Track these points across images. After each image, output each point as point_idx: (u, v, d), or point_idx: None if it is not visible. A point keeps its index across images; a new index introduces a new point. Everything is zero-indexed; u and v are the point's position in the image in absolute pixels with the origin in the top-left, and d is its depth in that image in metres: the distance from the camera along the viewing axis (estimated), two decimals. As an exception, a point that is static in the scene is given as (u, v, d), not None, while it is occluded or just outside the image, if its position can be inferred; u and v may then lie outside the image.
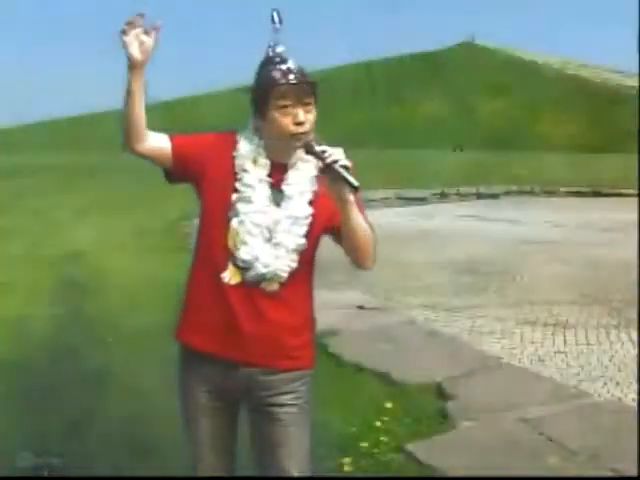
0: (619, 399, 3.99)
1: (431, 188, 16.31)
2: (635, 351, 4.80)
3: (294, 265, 1.89)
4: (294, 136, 1.84)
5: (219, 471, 2.03)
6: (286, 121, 1.83)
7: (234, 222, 1.87)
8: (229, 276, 1.88)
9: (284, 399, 1.94)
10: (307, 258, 1.92)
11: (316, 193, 1.90)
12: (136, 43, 1.78)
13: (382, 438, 3.29)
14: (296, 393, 1.96)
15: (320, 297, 2.08)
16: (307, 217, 1.89)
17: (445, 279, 7.23)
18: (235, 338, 1.89)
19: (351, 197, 1.79)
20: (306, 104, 1.85)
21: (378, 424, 3.42)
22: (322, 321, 2.17)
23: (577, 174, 19.74)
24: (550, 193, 17.83)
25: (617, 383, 4.22)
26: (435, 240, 9.87)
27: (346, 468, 3.03)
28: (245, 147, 1.90)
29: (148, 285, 6.46)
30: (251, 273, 1.87)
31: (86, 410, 3.59)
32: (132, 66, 1.80)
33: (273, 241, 1.87)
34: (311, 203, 1.90)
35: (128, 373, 4.13)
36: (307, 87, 1.86)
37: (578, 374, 4.38)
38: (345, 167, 1.75)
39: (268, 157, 1.90)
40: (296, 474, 1.95)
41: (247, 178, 1.88)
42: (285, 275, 1.88)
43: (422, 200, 15.20)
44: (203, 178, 1.91)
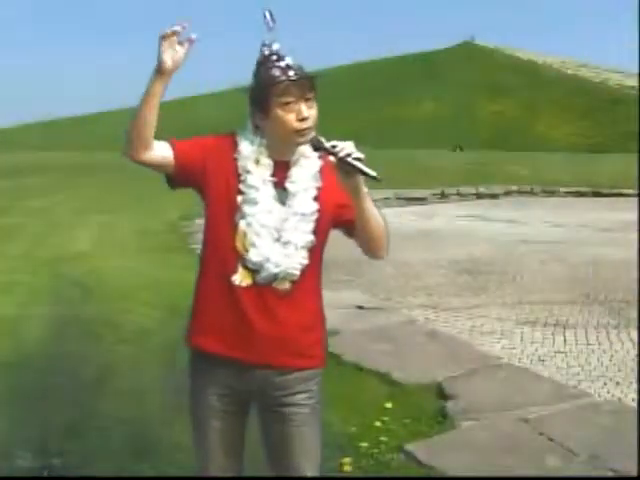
0: (619, 399, 3.98)
1: (431, 188, 16.32)
2: (635, 351, 4.80)
3: (305, 262, 1.88)
4: (298, 132, 1.83)
5: (228, 472, 2.03)
6: (289, 117, 1.83)
7: (241, 224, 1.86)
8: (240, 278, 1.87)
9: (297, 399, 1.94)
10: (316, 254, 1.92)
11: (320, 189, 1.90)
12: (170, 50, 1.78)
13: (382, 438, 3.29)
14: (309, 392, 1.95)
15: (320, 297, 2.07)
16: (313, 213, 1.88)
17: (445, 279, 7.24)
18: (248, 340, 1.88)
19: (365, 189, 1.79)
20: (308, 99, 1.85)
21: (378, 424, 3.42)
22: (322, 321, 2.16)
23: (577, 174, 19.75)
24: (550, 193, 17.85)
25: (617, 383, 4.22)
26: (435, 240, 9.87)
27: (346, 468, 3.03)
28: (246, 148, 1.90)
29: (148, 285, 6.46)
30: (263, 274, 1.86)
31: (86, 410, 3.59)
32: (160, 71, 1.79)
33: (282, 240, 1.86)
34: (316, 199, 1.89)
35: (128, 373, 4.13)
36: (307, 82, 1.85)
37: (578, 374, 4.38)
38: (359, 159, 1.74)
39: (270, 156, 1.89)
40: (310, 473, 1.96)
41: (250, 179, 1.87)
42: (297, 273, 1.87)
43: (422, 200, 15.21)
44: (206, 183, 1.90)
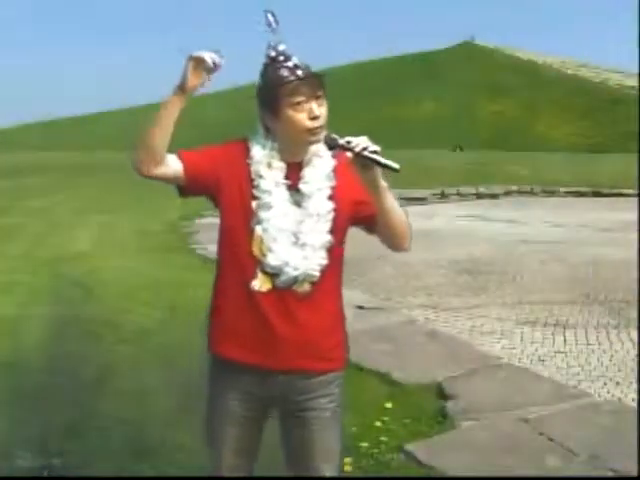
0: (619, 399, 3.98)
1: (431, 188, 16.33)
2: (635, 351, 4.80)
3: (324, 262, 1.87)
4: (310, 131, 1.82)
5: (239, 471, 2.02)
6: (301, 117, 1.81)
7: (257, 229, 1.85)
8: (259, 284, 1.85)
9: (319, 403, 1.93)
10: (335, 254, 1.90)
11: (335, 187, 1.89)
12: (195, 72, 1.78)
13: (382, 438, 3.29)
14: (330, 396, 1.95)
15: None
16: (329, 212, 1.87)
17: (445, 279, 7.23)
18: (270, 345, 1.87)
19: (383, 182, 1.77)
20: (318, 97, 1.83)
21: (378, 424, 3.42)
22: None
23: (577, 174, 19.76)
24: (550, 193, 17.86)
25: (617, 383, 4.22)
26: (435, 240, 9.86)
27: (346, 468, 3.02)
28: (258, 152, 1.88)
29: (148, 285, 6.46)
30: (282, 278, 1.84)
31: (86, 410, 3.59)
32: (182, 89, 1.80)
33: (299, 242, 1.85)
34: (331, 198, 1.88)
35: (128, 373, 4.13)
36: (316, 80, 1.84)
37: (578, 374, 4.38)
38: (375, 152, 1.72)
39: (283, 159, 1.88)
40: (328, 474, 1.97)
41: (263, 184, 1.86)
42: (317, 274, 1.86)
43: (422, 200, 15.21)
44: (219, 191, 1.89)
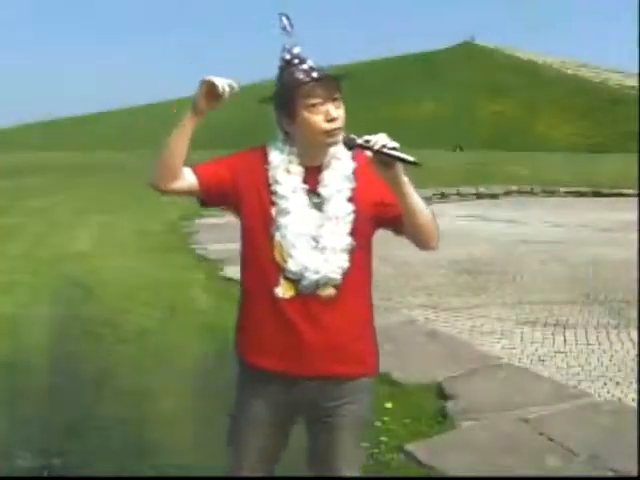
0: (619, 399, 3.98)
1: (431, 188, 16.33)
2: (635, 351, 4.79)
3: (346, 265, 1.84)
4: (327, 133, 1.80)
5: (259, 472, 2.01)
6: (317, 119, 1.80)
7: (277, 236, 1.84)
8: (282, 290, 1.84)
9: (348, 409, 1.92)
10: (359, 257, 1.88)
11: (355, 189, 1.87)
12: (208, 95, 1.79)
13: (382, 438, 3.29)
14: (360, 403, 1.95)
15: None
16: (349, 214, 1.85)
17: (445, 279, 7.23)
18: (297, 352, 1.86)
19: (405, 178, 1.74)
20: (335, 99, 1.82)
21: (378, 424, 3.42)
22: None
23: (577, 174, 19.76)
24: (550, 193, 17.86)
25: (617, 383, 4.22)
26: (435, 240, 9.86)
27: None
28: (276, 158, 1.88)
29: (148, 285, 6.46)
30: (304, 283, 1.83)
31: (86, 410, 3.59)
32: (195, 111, 1.81)
33: (319, 246, 1.83)
34: (351, 200, 1.86)
35: (128, 373, 4.13)
36: (333, 82, 1.83)
37: (578, 374, 4.38)
38: (394, 148, 1.70)
39: (301, 163, 1.87)
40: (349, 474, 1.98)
41: (281, 189, 1.85)
42: (339, 277, 1.84)
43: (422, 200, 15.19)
44: (239, 199, 1.89)
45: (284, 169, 1.86)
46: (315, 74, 1.81)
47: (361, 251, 1.89)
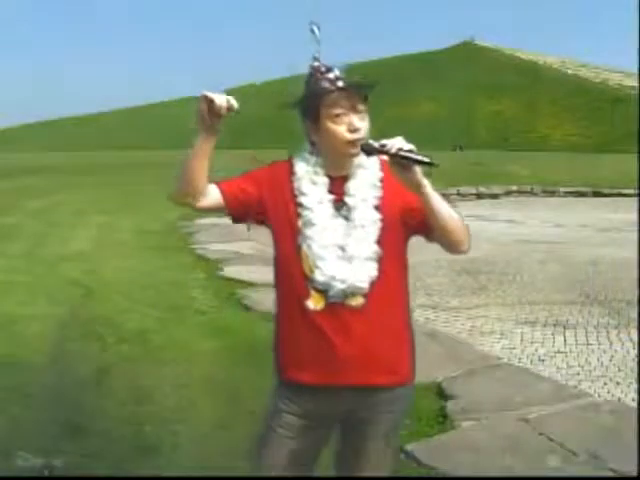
0: (619, 399, 3.98)
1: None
2: (635, 351, 4.79)
3: (374, 274, 1.83)
4: (350, 143, 1.79)
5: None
6: (340, 129, 1.79)
7: (304, 247, 1.84)
8: (313, 302, 1.84)
9: (382, 418, 1.92)
10: (389, 265, 1.86)
11: (382, 197, 1.85)
12: (209, 112, 1.76)
13: (382, 438, 3.28)
14: (395, 413, 1.94)
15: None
16: (375, 222, 1.84)
17: (445, 279, 7.23)
18: (331, 363, 1.85)
19: (425, 181, 1.72)
20: (359, 111, 1.80)
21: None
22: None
23: (577, 174, 19.76)
24: (550, 193, 17.86)
25: (617, 383, 4.22)
26: (435, 240, 9.86)
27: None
28: (302, 169, 1.88)
29: (148, 285, 6.46)
30: (331, 293, 1.82)
31: (86, 410, 3.59)
32: (203, 129, 1.78)
33: (346, 255, 1.82)
34: (377, 208, 1.84)
35: (128, 373, 4.13)
36: (358, 93, 1.81)
37: (578, 374, 4.38)
38: (410, 151, 1.69)
39: (327, 173, 1.86)
40: None
41: (306, 200, 1.85)
42: (365, 286, 1.82)
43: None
44: (266, 214, 1.89)
45: (309, 180, 1.86)
46: (340, 83, 1.80)
47: (391, 259, 1.87)
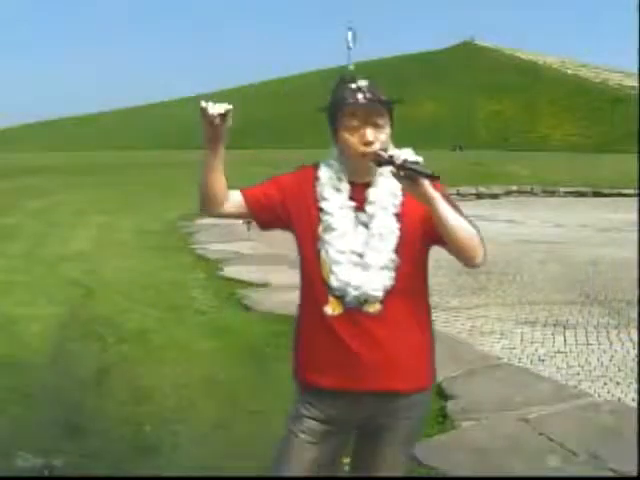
0: (619, 399, 3.98)
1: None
2: (635, 351, 4.79)
3: (389, 283, 1.83)
4: (365, 156, 1.80)
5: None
6: (354, 141, 1.80)
7: (322, 253, 1.85)
8: (331, 308, 1.85)
9: (400, 424, 1.92)
10: (408, 273, 1.86)
11: (402, 207, 1.85)
12: (208, 121, 1.74)
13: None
14: (413, 419, 1.94)
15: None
16: (393, 232, 1.84)
17: (445, 279, 7.23)
18: (349, 368, 1.85)
19: (433, 192, 1.71)
20: (376, 125, 1.80)
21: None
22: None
23: (577, 174, 19.76)
24: (550, 193, 17.87)
25: (617, 383, 4.22)
26: (435, 240, 9.86)
27: (347, 468, 3.02)
28: (325, 174, 1.88)
29: (148, 285, 6.46)
30: (347, 299, 1.83)
31: (86, 410, 3.59)
32: (209, 141, 1.78)
33: (362, 263, 1.83)
34: (397, 217, 1.84)
35: (128, 373, 4.13)
36: (378, 107, 1.81)
37: (578, 374, 4.38)
38: (415, 163, 1.69)
39: (350, 179, 1.87)
40: None
41: (327, 206, 1.86)
42: (379, 294, 1.83)
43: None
44: (290, 219, 1.90)
45: (332, 186, 1.87)
46: (360, 96, 1.79)
47: (410, 267, 1.86)
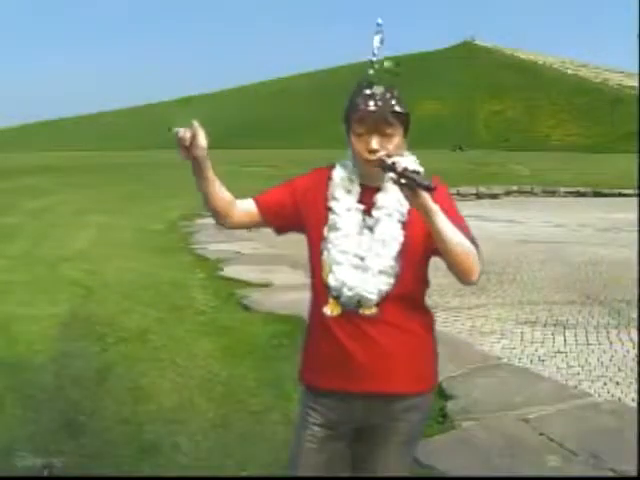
0: (619, 399, 3.98)
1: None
2: (635, 351, 4.79)
3: (385, 287, 1.82)
4: (369, 162, 1.80)
5: None
6: (360, 147, 1.81)
7: (325, 253, 1.86)
8: (330, 309, 1.86)
9: (394, 428, 1.92)
10: (408, 279, 1.85)
11: (409, 214, 1.83)
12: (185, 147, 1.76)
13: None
14: (409, 422, 1.93)
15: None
16: (396, 238, 1.83)
17: (445, 279, 7.19)
18: (347, 370, 1.86)
19: (432, 205, 1.67)
20: (384, 134, 1.79)
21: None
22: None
23: (577, 174, 19.77)
24: (550, 193, 17.88)
25: (617, 383, 4.22)
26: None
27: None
28: (338, 174, 1.89)
29: (148, 285, 6.46)
30: (342, 299, 1.84)
31: (86, 410, 3.59)
32: (192, 164, 1.80)
33: (362, 266, 1.83)
34: (402, 224, 1.84)
35: (128, 373, 4.13)
36: (387, 116, 1.79)
37: (578, 374, 4.38)
38: (416, 172, 1.66)
39: (361, 182, 1.87)
40: None
41: (336, 206, 1.86)
42: (373, 297, 1.82)
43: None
44: (303, 221, 1.91)
45: (343, 187, 1.88)
46: (371, 103, 1.79)
47: (411, 275, 1.86)
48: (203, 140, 1.76)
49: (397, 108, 1.81)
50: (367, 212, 1.86)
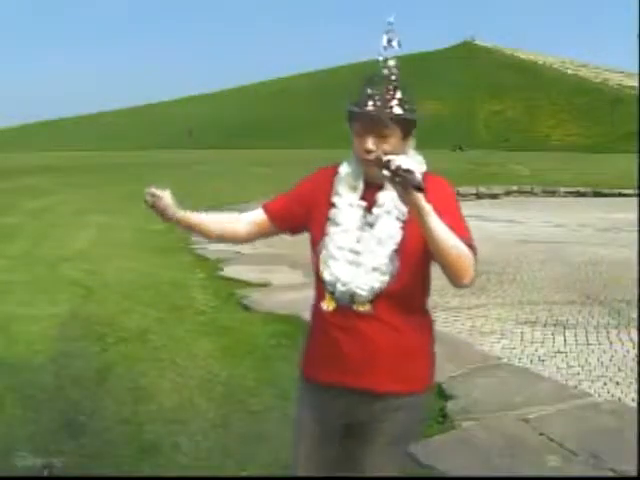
0: (619, 399, 3.98)
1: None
2: (635, 351, 4.79)
3: (377, 285, 1.82)
4: (366, 161, 1.82)
5: None
6: (358, 146, 1.83)
7: (323, 248, 1.87)
8: (326, 304, 1.87)
9: (380, 428, 1.91)
10: (405, 279, 1.84)
11: (408, 213, 1.81)
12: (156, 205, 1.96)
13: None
14: (398, 422, 1.91)
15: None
16: (393, 237, 1.83)
17: (445, 279, 7.22)
18: (340, 365, 1.87)
19: (424, 204, 1.65)
20: (381, 135, 1.79)
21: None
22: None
23: (577, 174, 19.78)
24: (550, 193, 17.88)
25: (617, 383, 4.22)
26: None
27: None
28: (344, 170, 1.91)
29: (148, 285, 6.46)
30: (336, 295, 1.85)
31: (86, 410, 3.59)
32: (176, 221, 1.97)
33: (356, 262, 1.83)
34: (401, 222, 1.84)
35: (128, 373, 4.13)
36: (381, 119, 1.78)
37: (578, 374, 4.38)
38: (408, 171, 1.63)
39: (366, 178, 1.88)
40: None
41: (339, 201, 1.88)
42: (364, 294, 1.82)
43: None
44: (309, 220, 1.93)
45: (347, 183, 1.89)
46: (370, 102, 1.79)
47: (409, 274, 1.84)
48: (164, 199, 2.00)
49: (396, 110, 1.79)
50: (369, 209, 1.86)
